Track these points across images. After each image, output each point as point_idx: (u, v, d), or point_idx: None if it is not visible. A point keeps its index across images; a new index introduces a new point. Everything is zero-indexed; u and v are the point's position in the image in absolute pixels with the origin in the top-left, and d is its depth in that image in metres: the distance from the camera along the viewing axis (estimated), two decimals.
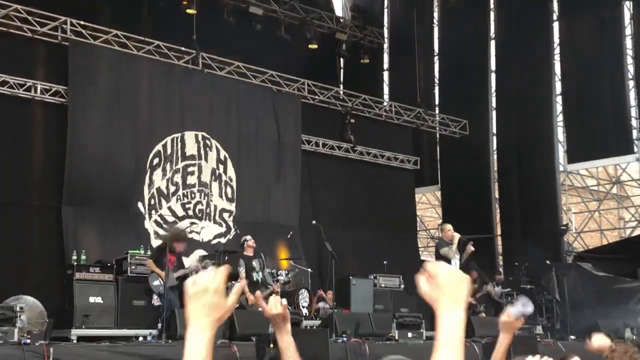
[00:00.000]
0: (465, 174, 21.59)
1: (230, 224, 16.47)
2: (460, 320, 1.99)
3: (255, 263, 13.55)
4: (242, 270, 13.33)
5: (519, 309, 3.68)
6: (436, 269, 2.02)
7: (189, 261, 13.92)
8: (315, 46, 21.47)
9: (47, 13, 14.69)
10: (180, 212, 15.79)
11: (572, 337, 14.88)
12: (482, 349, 11.83)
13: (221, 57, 17.29)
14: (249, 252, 13.63)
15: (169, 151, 15.84)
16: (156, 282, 12.08)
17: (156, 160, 15.61)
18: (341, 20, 22.92)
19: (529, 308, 3.73)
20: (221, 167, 16.67)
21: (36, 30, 14.58)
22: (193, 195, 16.12)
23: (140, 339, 11.22)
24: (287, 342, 2.99)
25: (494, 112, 22.01)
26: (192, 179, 16.15)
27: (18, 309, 10.17)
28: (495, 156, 21.95)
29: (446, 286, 2.00)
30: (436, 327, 1.99)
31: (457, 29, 22.69)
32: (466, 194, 21.41)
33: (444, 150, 22.73)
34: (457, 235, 13.49)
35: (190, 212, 15.98)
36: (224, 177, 16.68)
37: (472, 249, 14.13)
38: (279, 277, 14.24)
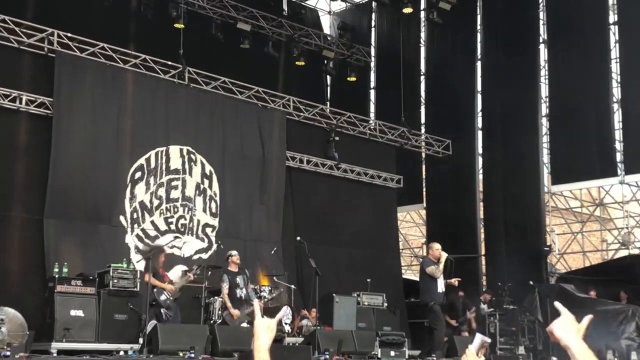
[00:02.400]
0: (450, 193, 21.65)
1: (213, 239, 16.40)
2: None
3: (239, 279, 13.50)
4: (225, 286, 13.27)
5: (477, 342, 3.83)
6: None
7: (171, 275, 13.88)
8: (303, 63, 21.56)
9: (34, 24, 14.66)
10: (162, 227, 15.72)
11: (554, 358, 14.89)
12: None
13: (208, 72, 17.30)
14: (234, 268, 13.58)
15: (152, 165, 15.79)
16: (163, 297, 12.22)
17: (138, 174, 15.54)
18: (328, 38, 23.01)
19: (486, 338, 3.92)
20: (206, 181, 16.63)
21: (23, 41, 14.54)
22: (176, 210, 16.06)
23: (122, 353, 11.16)
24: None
25: (480, 133, 22.08)
26: (175, 193, 16.10)
27: None
28: (480, 176, 22.00)
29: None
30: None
31: (444, 49, 22.82)
32: (451, 213, 21.45)
33: (430, 169, 22.78)
34: (444, 255, 13.47)
35: (173, 227, 15.91)
36: (208, 192, 16.63)
37: (456, 284, 14.25)
38: (262, 294, 14.20)
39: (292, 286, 15.68)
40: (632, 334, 15.88)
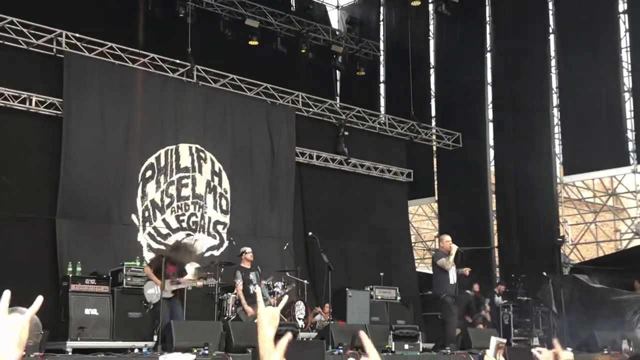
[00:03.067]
0: (462, 185, 21.58)
1: (224, 236, 16.43)
2: None
3: (252, 275, 13.50)
4: (239, 283, 13.28)
5: (492, 345, 3.86)
6: None
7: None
8: (311, 59, 21.53)
9: (42, 25, 14.67)
10: (174, 224, 15.74)
11: (569, 348, 14.83)
12: None
13: (216, 69, 17.29)
14: (247, 265, 13.57)
15: (162, 163, 15.81)
16: (150, 291, 11.90)
17: (149, 173, 15.56)
18: (337, 33, 22.96)
19: (501, 339, 3.96)
20: (216, 179, 16.64)
21: (31, 42, 14.57)
22: (187, 207, 16.08)
23: (136, 350, 11.17)
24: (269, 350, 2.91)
25: (491, 124, 22.01)
26: (186, 191, 16.12)
27: None
28: (492, 168, 21.94)
29: None
30: None
31: (453, 41, 22.74)
32: (463, 205, 21.39)
33: (441, 161, 22.72)
34: (455, 247, 13.46)
35: (185, 224, 15.93)
36: (218, 189, 16.64)
37: (467, 273, 14.25)
38: (275, 290, 14.20)
39: (305, 281, 15.68)
40: None
